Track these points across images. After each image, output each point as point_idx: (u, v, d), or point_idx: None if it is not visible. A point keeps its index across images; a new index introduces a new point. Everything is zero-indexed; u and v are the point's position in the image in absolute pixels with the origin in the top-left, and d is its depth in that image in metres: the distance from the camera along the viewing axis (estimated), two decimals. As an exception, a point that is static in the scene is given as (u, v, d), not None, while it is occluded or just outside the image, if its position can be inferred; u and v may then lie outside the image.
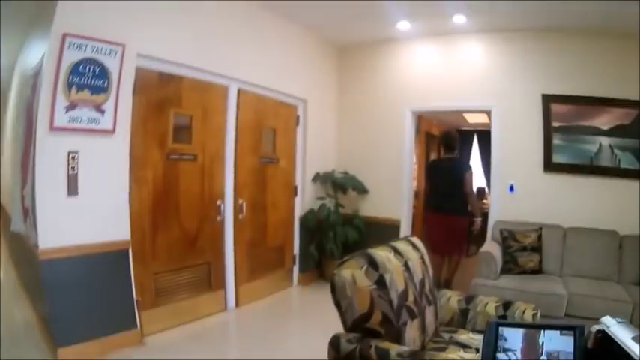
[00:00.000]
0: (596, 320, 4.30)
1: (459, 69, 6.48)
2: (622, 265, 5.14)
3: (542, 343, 1.83)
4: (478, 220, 6.18)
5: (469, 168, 6.24)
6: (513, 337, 1.86)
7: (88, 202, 3.76)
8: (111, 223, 3.98)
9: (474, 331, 3.18)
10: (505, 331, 1.87)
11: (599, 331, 1.79)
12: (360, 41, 7.00)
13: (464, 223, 6.20)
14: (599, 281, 4.96)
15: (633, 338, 1.65)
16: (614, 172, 5.67)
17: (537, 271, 5.21)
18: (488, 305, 3.29)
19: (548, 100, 5.91)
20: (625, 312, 4.39)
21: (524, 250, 5.22)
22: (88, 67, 3.61)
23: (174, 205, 4.69)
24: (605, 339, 1.76)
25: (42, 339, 3.89)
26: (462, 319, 3.33)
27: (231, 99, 5.32)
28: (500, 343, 1.86)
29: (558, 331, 1.83)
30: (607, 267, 5.16)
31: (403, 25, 6.18)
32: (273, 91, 5.97)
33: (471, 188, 6.15)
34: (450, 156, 6.35)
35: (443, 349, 2.79)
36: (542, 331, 1.85)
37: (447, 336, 3.05)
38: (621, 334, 1.70)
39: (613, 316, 1.80)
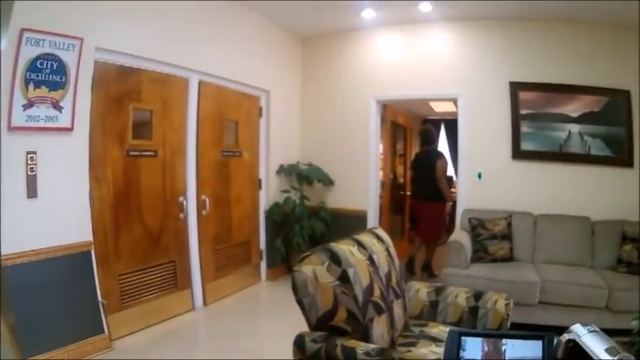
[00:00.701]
0: (572, 307, 4.36)
1: (425, 57, 6.47)
2: (595, 250, 5.22)
3: (505, 350, 1.76)
4: (448, 205, 6.94)
5: (441, 156, 6.99)
6: (474, 346, 1.78)
7: (48, 204, 3.58)
8: (72, 224, 3.81)
9: (445, 323, 3.16)
10: (468, 341, 1.79)
11: (569, 340, 1.71)
12: (324, 30, 6.92)
13: (440, 207, 6.89)
14: (572, 267, 5.01)
15: (607, 350, 1.57)
16: (585, 159, 5.77)
17: (508, 259, 5.24)
18: (459, 296, 3.27)
19: (515, 87, 5.95)
20: (600, 298, 4.47)
21: (494, 239, 5.23)
22: (45, 63, 3.42)
23: (136, 204, 4.55)
24: (576, 349, 1.68)
25: (14, 351, 3.70)
26: (432, 311, 3.29)
27: (191, 91, 5.18)
28: (460, 353, 1.78)
29: (522, 340, 1.76)
30: (580, 253, 5.22)
31: (368, 14, 6.10)
32: (235, 83, 5.83)
33: (441, 174, 6.70)
34: (428, 148, 7.16)
35: (413, 344, 2.75)
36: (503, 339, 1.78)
37: (417, 330, 3.01)
38: (594, 345, 1.62)
39: (584, 324, 1.71)
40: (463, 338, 1.78)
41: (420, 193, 7.03)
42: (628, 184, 5.58)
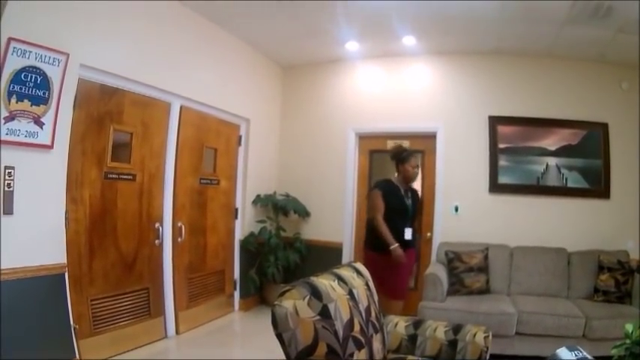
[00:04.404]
0: (549, 337, 4.36)
1: (405, 91, 6.56)
2: (571, 281, 5.32)
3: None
4: (393, 248, 4.72)
5: (371, 189, 5.37)
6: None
7: (23, 222, 3.46)
8: (47, 245, 3.68)
9: (424, 357, 3.14)
10: None
11: None
12: (306, 60, 6.98)
13: (369, 257, 5.00)
14: (548, 298, 5.07)
15: None
16: (562, 191, 5.91)
17: (485, 291, 5.25)
18: (438, 330, 3.25)
19: (494, 121, 6.09)
20: (577, 327, 4.56)
21: (470, 271, 5.24)
22: (30, 76, 3.36)
23: (112, 228, 4.46)
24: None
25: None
26: (410, 345, 3.26)
27: (173, 116, 5.16)
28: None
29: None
30: (556, 284, 5.32)
31: (352, 46, 6.21)
32: (216, 110, 5.84)
33: (371, 212, 5.11)
34: None
35: None
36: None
37: None
38: None
39: (571, 348, 1.63)
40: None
41: None
42: (604, 216, 5.78)
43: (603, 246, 5.44)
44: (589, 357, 1.61)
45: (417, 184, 6.31)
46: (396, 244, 4.71)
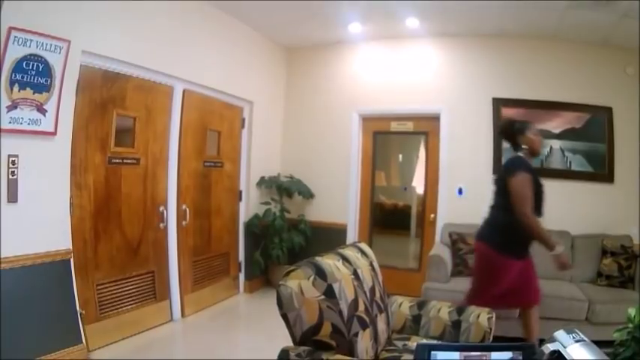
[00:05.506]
0: (552, 320, 4.35)
1: (409, 72, 6.52)
2: (575, 264, 5.27)
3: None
4: (558, 253, 3.94)
5: (514, 170, 3.92)
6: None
7: (28, 210, 3.48)
8: (52, 231, 3.70)
9: (428, 337, 3.16)
10: (439, 356, 1.57)
11: (554, 352, 1.57)
12: (309, 42, 6.94)
13: (481, 251, 4.16)
14: (552, 281, 5.02)
15: None
16: (566, 174, 5.88)
17: (488, 273, 5.23)
18: (442, 310, 3.27)
19: (498, 103, 6.05)
20: (580, 310, 4.61)
21: (474, 252, 5.22)
22: (31, 64, 3.35)
23: (116, 212, 4.47)
24: (561, 361, 1.55)
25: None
26: (414, 325, 3.29)
27: (176, 100, 5.14)
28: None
29: (503, 352, 1.56)
30: (559, 267, 5.31)
31: (355, 28, 6.15)
32: (219, 93, 5.81)
33: (518, 199, 3.85)
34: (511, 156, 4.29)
35: (397, 359, 2.74)
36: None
37: (400, 344, 3.00)
38: (582, 357, 1.49)
39: (569, 331, 1.58)
40: (433, 353, 1.59)
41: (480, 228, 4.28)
42: (608, 200, 5.76)
43: (606, 230, 5.47)
44: (586, 339, 1.58)
45: (432, 167, 6.42)
46: (562, 248, 3.94)
